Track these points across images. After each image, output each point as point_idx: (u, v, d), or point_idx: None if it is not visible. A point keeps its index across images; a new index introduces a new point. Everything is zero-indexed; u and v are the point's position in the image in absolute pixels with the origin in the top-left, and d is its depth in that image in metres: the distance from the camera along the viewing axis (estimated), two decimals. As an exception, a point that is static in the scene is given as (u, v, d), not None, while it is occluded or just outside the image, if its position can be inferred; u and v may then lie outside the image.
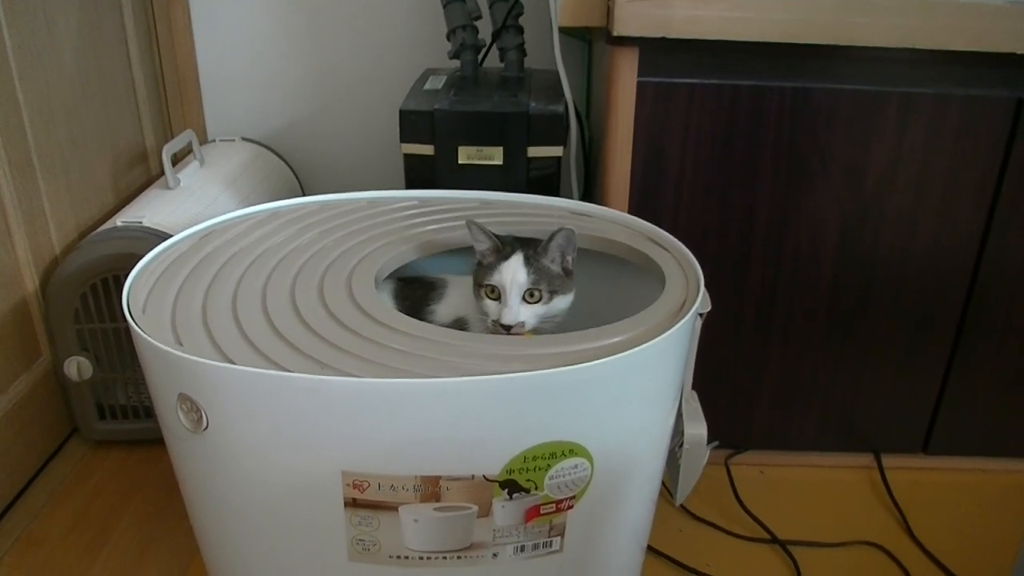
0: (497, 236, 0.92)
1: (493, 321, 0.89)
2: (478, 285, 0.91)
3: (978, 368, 1.25)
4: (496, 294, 0.90)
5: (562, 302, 0.91)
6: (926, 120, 1.10)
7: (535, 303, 0.89)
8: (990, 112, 1.09)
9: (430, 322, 0.95)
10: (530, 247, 0.91)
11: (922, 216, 1.15)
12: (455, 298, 0.97)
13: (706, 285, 0.89)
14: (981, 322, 1.22)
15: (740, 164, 1.12)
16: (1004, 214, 1.14)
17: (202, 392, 0.76)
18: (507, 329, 0.88)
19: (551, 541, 0.85)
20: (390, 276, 0.98)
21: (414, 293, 0.99)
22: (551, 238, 0.89)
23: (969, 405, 1.28)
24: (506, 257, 0.90)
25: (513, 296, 0.88)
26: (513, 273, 0.88)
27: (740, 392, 1.28)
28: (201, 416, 0.77)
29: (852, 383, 1.27)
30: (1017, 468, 1.34)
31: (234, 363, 0.74)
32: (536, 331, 0.90)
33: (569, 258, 0.92)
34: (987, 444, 1.31)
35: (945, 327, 1.23)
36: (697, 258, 0.94)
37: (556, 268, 0.91)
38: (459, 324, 0.95)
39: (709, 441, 0.95)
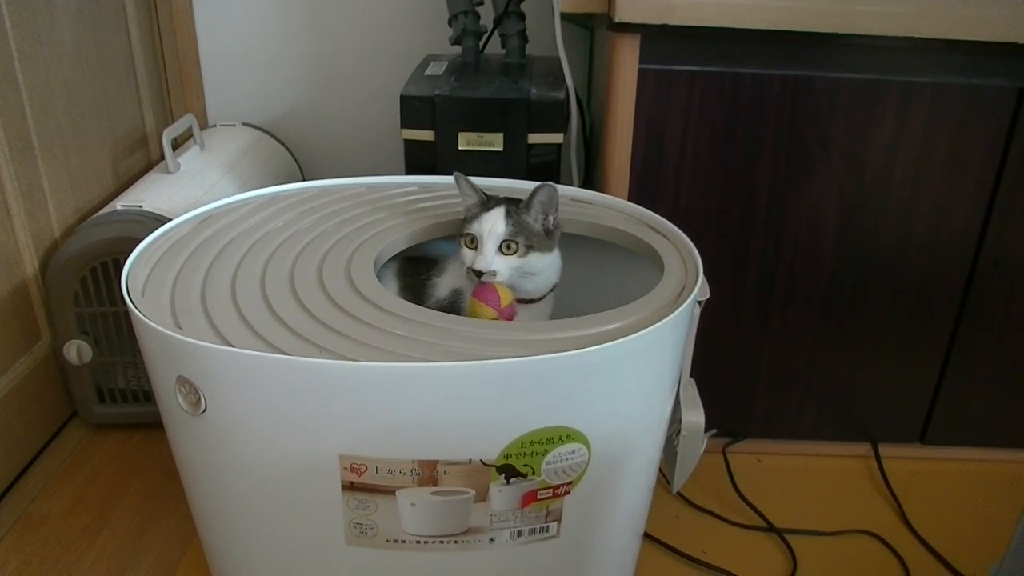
0: (484, 192, 0.95)
1: (468, 268, 0.92)
2: (459, 235, 0.94)
3: (977, 358, 1.25)
4: (474, 243, 0.93)
5: (539, 260, 0.93)
6: (927, 109, 1.09)
7: (511, 255, 0.92)
8: (990, 102, 1.09)
9: (431, 294, 0.99)
10: (513, 203, 0.94)
11: (922, 205, 1.15)
12: (453, 273, 1.00)
13: (705, 273, 0.89)
14: (980, 311, 1.22)
15: (741, 152, 1.12)
16: (1004, 203, 1.14)
17: (201, 375, 0.76)
18: (479, 276, 0.91)
19: (548, 526, 0.85)
20: (394, 256, 1.00)
21: (416, 270, 1.02)
22: (533, 194, 0.92)
23: (967, 395, 1.28)
24: (488, 209, 0.93)
25: (489, 245, 0.91)
26: (492, 223, 0.92)
27: (738, 380, 1.29)
28: (200, 399, 0.77)
29: (850, 372, 1.27)
30: (1014, 458, 1.34)
31: (233, 346, 0.75)
32: (512, 288, 0.93)
33: (551, 217, 0.94)
34: (984, 434, 1.31)
35: (944, 316, 1.23)
36: (696, 245, 0.94)
37: (537, 226, 0.94)
38: (456, 294, 0.98)
39: (707, 429, 0.95)
